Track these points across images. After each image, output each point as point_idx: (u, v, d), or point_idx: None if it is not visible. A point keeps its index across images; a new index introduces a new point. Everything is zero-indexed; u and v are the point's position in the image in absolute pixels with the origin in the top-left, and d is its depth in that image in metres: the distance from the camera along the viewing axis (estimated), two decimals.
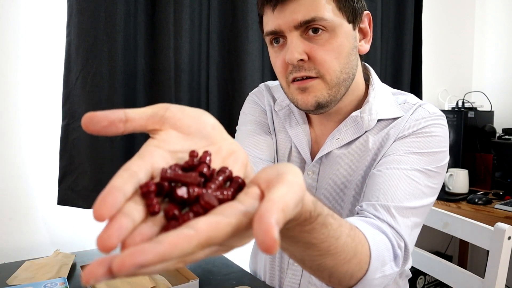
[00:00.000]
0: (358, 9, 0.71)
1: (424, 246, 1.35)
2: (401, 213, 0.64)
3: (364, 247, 0.54)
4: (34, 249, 1.14)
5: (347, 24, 0.70)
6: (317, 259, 0.47)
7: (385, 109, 0.76)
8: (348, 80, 0.72)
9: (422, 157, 0.70)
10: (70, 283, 0.88)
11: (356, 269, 0.53)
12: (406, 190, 0.66)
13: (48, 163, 1.15)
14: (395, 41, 1.78)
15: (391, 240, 0.60)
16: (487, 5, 2.32)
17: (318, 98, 0.70)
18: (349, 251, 0.49)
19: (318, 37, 0.68)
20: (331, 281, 0.53)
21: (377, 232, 0.60)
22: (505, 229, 0.92)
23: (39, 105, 1.14)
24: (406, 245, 0.63)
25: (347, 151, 0.76)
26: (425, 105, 0.77)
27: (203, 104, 1.29)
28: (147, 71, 1.19)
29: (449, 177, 1.82)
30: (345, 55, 0.70)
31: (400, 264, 0.61)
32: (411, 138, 0.72)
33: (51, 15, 1.13)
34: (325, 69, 0.69)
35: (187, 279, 0.88)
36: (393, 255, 0.60)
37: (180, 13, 1.17)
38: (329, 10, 0.67)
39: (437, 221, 1.11)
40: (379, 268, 0.57)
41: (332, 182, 0.78)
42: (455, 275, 1.04)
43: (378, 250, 0.57)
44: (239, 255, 1.19)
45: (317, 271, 0.51)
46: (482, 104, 2.18)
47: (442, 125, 0.74)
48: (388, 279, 0.59)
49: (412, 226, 0.65)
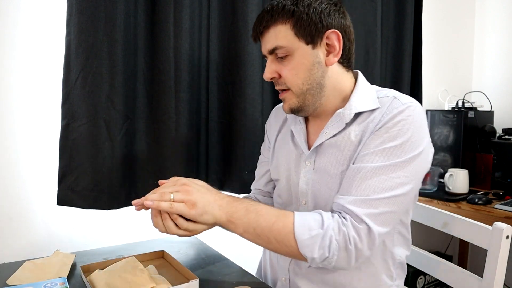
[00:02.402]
0: (316, 31, 0.85)
1: (424, 246, 1.35)
2: (365, 204, 0.79)
3: (288, 217, 0.80)
4: (34, 249, 1.14)
5: (305, 46, 0.86)
6: (253, 222, 0.79)
7: (363, 103, 0.88)
8: (313, 89, 0.88)
9: (392, 151, 0.81)
10: (70, 283, 0.88)
11: (285, 230, 0.79)
12: (372, 184, 0.79)
13: (47, 163, 1.15)
14: (395, 41, 1.78)
15: (322, 215, 0.80)
16: (487, 5, 2.32)
17: (290, 105, 0.91)
18: (271, 215, 0.80)
19: (285, 59, 0.87)
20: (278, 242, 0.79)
21: (310, 212, 0.82)
22: (503, 228, 0.92)
23: (39, 105, 1.14)
24: (370, 227, 0.78)
25: (334, 143, 0.90)
26: (400, 96, 0.87)
27: (203, 104, 1.29)
28: (147, 71, 1.19)
29: (449, 177, 1.82)
30: (304, 71, 0.87)
31: (351, 239, 0.77)
32: (382, 131, 0.82)
33: (51, 14, 1.13)
34: (290, 83, 0.88)
35: (187, 279, 0.88)
36: (321, 224, 0.78)
37: (180, 13, 1.17)
38: (288, 39, 0.85)
39: (436, 220, 1.11)
40: (306, 231, 0.78)
41: (325, 171, 0.90)
42: (455, 275, 1.04)
43: (303, 219, 0.79)
44: (240, 255, 1.20)
45: (262, 236, 0.80)
46: (482, 104, 2.18)
47: (412, 114, 0.83)
48: (320, 241, 0.77)
49: (380, 213, 0.79)
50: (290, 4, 0.85)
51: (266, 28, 0.88)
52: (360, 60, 1.63)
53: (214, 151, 1.33)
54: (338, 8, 0.88)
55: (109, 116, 1.12)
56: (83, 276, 0.88)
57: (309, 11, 0.85)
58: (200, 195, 0.78)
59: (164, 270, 0.94)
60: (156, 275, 0.88)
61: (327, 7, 0.86)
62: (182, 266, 0.92)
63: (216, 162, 1.33)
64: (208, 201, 0.78)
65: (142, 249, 1.07)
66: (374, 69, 1.64)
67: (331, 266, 0.80)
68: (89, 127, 1.09)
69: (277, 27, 0.86)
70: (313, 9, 0.85)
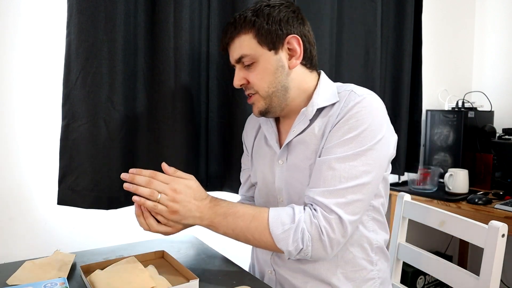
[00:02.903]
0: (277, 38, 0.92)
1: (424, 246, 1.35)
2: (333, 194, 0.84)
3: (262, 214, 0.87)
4: (34, 249, 1.14)
5: (268, 52, 0.93)
6: (231, 224, 0.86)
7: (324, 99, 0.94)
8: (278, 91, 0.95)
9: (351, 142, 0.86)
10: (70, 283, 0.88)
11: (261, 227, 0.85)
12: (338, 175, 0.85)
13: (48, 163, 1.15)
14: (395, 41, 1.78)
15: (294, 209, 0.86)
16: (487, 5, 2.32)
17: (259, 108, 0.97)
18: (248, 215, 0.86)
19: (251, 66, 0.94)
20: (255, 239, 0.87)
21: (284, 207, 0.89)
22: (499, 226, 0.93)
23: (39, 105, 1.14)
24: (340, 216, 0.83)
25: (301, 139, 0.96)
26: (356, 89, 0.93)
27: (203, 104, 1.29)
28: (147, 71, 1.19)
29: (449, 177, 1.82)
30: (269, 75, 0.93)
31: (323, 230, 0.83)
32: (342, 123, 0.88)
33: (51, 15, 1.13)
34: (256, 87, 0.95)
35: (187, 279, 0.88)
36: (293, 218, 0.84)
37: (180, 13, 1.17)
38: (251, 47, 0.92)
39: (434, 219, 1.11)
40: (280, 226, 0.84)
41: (295, 167, 0.96)
42: (455, 275, 1.04)
43: (277, 215, 0.86)
44: (240, 255, 1.20)
45: (241, 236, 0.87)
46: (482, 104, 2.18)
47: (368, 104, 0.88)
48: (292, 235, 0.83)
49: (348, 202, 0.84)
50: (251, 15, 0.93)
51: (231, 39, 0.95)
52: (360, 60, 1.63)
53: (214, 151, 1.33)
54: (297, 15, 0.95)
55: (109, 116, 1.12)
56: (83, 276, 0.88)
57: (269, 20, 0.92)
58: (183, 205, 0.85)
59: (164, 270, 0.94)
60: (156, 275, 0.88)
61: (285, 15, 0.93)
62: (182, 266, 0.92)
63: (216, 162, 1.33)
64: (190, 209, 0.86)
65: (142, 249, 1.07)
66: (374, 69, 1.64)
67: (308, 256, 0.86)
68: (89, 127, 1.09)
69: (241, 37, 0.93)
70: (272, 18, 0.92)
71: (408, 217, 1.23)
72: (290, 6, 0.95)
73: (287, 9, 0.94)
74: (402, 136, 1.79)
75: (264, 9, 0.92)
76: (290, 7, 0.95)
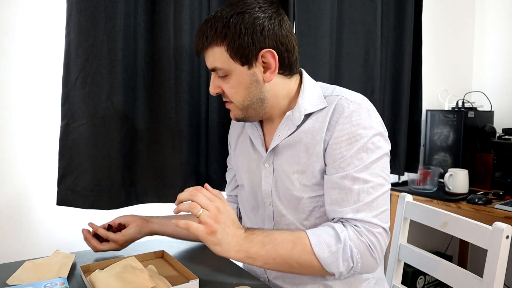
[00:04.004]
0: (250, 53, 0.87)
1: (424, 246, 1.35)
2: (368, 208, 0.84)
3: (302, 238, 0.82)
4: (34, 249, 1.14)
5: (240, 67, 0.89)
6: (271, 253, 0.81)
7: (311, 104, 0.92)
8: (253, 104, 0.92)
9: (363, 151, 0.85)
10: (70, 283, 0.88)
11: (305, 253, 0.81)
12: (362, 188, 0.84)
13: (47, 163, 1.15)
14: (395, 41, 1.78)
15: (335, 228, 0.83)
16: (487, 5, 2.32)
17: (235, 115, 0.96)
18: (288, 241, 0.81)
19: (225, 77, 0.91)
20: (300, 266, 0.82)
21: (320, 228, 0.86)
22: (503, 228, 0.93)
23: (39, 105, 1.14)
24: (382, 227, 0.84)
25: (288, 144, 0.94)
26: (345, 93, 0.91)
27: (203, 104, 1.29)
28: (147, 71, 1.19)
29: (449, 177, 1.82)
30: (243, 89, 0.91)
31: (372, 246, 0.82)
32: (343, 135, 0.86)
33: (51, 14, 1.13)
34: (232, 99, 0.93)
35: (187, 279, 0.88)
36: (338, 238, 0.81)
37: (180, 13, 1.17)
38: (223, 61, 0.88)
39: (436, 220, 1.11)
40: (326, 249, 0.81)
41: (282, 171, 0.95)
42: (455, 275, 1.04)
43: (318, 237, 0.82)
44: None
45: (283, 264, 0.82)
46: (482, 104, 2.18)
47: (364, 109, 0.87)
48: (341, 255, 0.80)
49: (382, 211, 0.85)
50: (221, 26, 0.86)
51: (203, 49, 0.91)
52: (360, 60, 1.62)
53: (214, 151, 1.32)
54: (273, 21, 0.87)
55: (109, 116, 1.12)
56: (83, 276, 0.88)
57: (241, 33, 0.85)
58: (223, 227, 0.79)
59: (164, 270, 0.94)
60: (156, 275, 0.88)
61: (260, 24, 0.86)
62: (182, 266, 0.92)
63: (216, 162, 1.33)
64: (228, 234, 0.79)
65: (142, 249, 1.07)
66: (374, 69, 1.64)
67: (358, 272, 0.84)
68: (89, 127, 1.09)
69: (213, 49, 0.89)
70: (244, 30, 0.85)
71: (409, 217, 1.22)
72: (266, 10, 0.87)
73: (263, 15, 0.86)
74: (402, 136, 1.79)
75: (237, 18, 0.85)
76: (267, 11, 0.87)
